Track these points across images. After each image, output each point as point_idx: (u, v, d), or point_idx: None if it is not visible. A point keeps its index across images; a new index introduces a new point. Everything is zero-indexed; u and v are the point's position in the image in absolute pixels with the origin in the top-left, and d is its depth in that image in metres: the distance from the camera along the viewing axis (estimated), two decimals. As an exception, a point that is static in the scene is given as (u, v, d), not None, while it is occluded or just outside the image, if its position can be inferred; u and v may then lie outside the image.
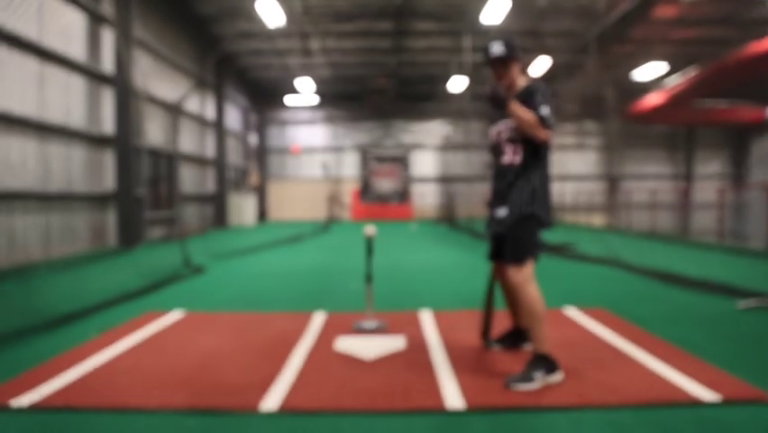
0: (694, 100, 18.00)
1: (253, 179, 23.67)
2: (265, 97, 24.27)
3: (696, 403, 2.66)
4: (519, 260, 3.03)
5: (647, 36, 14.82)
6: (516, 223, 3.04)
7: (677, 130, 23.27)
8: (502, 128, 3.19)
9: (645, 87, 18.97)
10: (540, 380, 2.90)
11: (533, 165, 3.08)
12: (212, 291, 5.97)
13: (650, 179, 22.54)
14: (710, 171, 23.29)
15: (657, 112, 18.78)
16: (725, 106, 19.57)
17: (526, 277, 3.01)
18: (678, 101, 17.66)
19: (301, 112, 24.92)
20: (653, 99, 18.55)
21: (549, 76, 18.56)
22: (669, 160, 23.74)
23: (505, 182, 3.14)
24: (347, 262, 8.51)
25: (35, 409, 2.69)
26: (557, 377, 2.96)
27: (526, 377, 2.90)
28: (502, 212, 3.13)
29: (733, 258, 6.73)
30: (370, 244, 4.30)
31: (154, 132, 13.03)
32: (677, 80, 17.21)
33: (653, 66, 16.31)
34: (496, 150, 3.26)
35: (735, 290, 5.35)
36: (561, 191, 22.16)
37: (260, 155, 24.62)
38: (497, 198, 3.21)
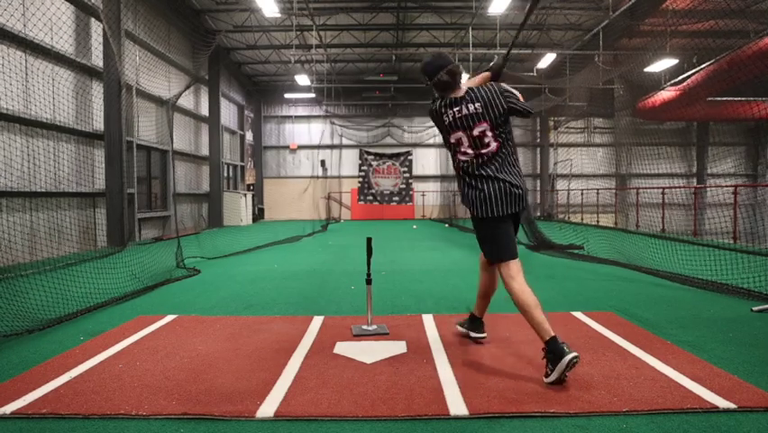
0: (707, 95, 17.75)
1: (249, 177, 23.51)
2: (261, 93, 24.12)
3: (709, 410, 2.58)
4: (487, 257, 3.37)
5: (658, 28, 14.65)
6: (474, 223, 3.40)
7: (689, 126, 22.84)
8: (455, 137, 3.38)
9: (656, 82, 18.74)
10: (556, 372, 2.86)
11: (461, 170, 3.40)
12: (206, 294, 5.85)
13: (661, 178, 22.27)
14: (724, 169, 22.94)
15: (668, 108, 18.48)
16: (739, 101, 19.24)
17: (511, 274, 3.20)
18: (690, 96, 17.41)
19: (299, 108, 24.78)
20: (664, 94, 18.31)
21: (555, 71, 18.45)
22: (681, 157, 23.34)
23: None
24: (346, 263, 8.41)
25: (18, 416, 2.58)
26: (572, 354, 2.84)
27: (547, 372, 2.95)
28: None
29: (747, 259, 6.65)
30: (369, 245, 4.20)
31: (147, 128, 12.89)
32: (689, 74, 16.98)
33: (664, 60, 16.07)
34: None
35: (749, 293, 5.26)
36: (567, 190, 22.05)
37: (257, 153, 24.46)
38: None
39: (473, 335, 3.76)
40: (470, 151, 3.25)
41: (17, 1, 8.01)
